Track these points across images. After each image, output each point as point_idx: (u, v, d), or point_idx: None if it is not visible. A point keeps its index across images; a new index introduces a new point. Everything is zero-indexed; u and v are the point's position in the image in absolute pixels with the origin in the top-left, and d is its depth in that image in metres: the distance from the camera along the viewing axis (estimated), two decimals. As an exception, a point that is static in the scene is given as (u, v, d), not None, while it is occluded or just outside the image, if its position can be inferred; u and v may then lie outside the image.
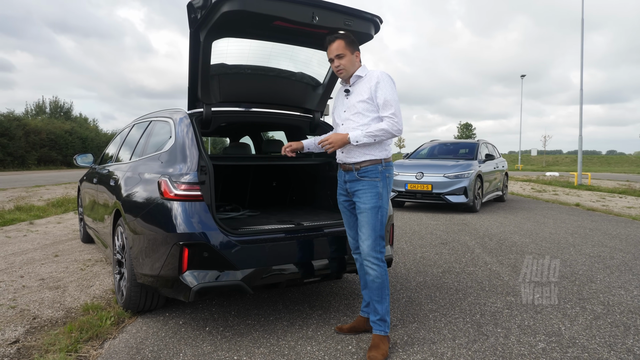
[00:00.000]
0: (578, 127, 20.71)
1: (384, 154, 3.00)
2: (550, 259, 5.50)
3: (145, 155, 3.80)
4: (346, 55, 2.98)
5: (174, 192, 2.98)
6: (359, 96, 2.98)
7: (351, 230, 3.19)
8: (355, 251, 3.22)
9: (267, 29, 3.25)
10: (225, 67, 3.55)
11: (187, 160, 3.10)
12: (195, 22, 3.02)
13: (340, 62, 2.99)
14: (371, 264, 2.93)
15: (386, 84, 2.92)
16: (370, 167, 2.96)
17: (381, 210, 2.94)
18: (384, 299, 2.95)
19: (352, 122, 2.99)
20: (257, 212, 4.27)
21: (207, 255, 2.92)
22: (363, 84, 2.99)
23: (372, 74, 2.99)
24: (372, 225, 2.92)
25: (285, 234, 3.24)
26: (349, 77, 3.06)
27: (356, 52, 3.03)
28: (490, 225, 8.26)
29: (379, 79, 2.93)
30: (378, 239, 2.94)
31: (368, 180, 2.96)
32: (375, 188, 2.95)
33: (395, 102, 2.90)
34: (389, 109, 2.88)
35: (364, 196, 2.95)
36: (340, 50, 2.97)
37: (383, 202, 2.96)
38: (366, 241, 2.93)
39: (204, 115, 3.53)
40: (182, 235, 2.90)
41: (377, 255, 2.93)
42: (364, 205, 2.94)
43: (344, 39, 2.99)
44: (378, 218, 2.93)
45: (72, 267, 5.03)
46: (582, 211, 10.72)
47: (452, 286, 4.38)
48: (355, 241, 3.18)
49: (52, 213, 10.00)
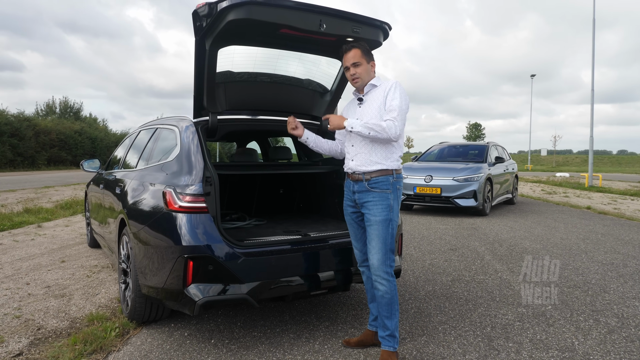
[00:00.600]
0: (589, 126, 20.43)
1: (395, 165, 2.94)
2: (561, 267, 5.40)
3: (151, 164, 3.76)
4: (362, 64, 2.96)
5: (179, 204, 2.93)
6: (372, 104, 2.94)
7: (358, 243, 3.12)
8: (361, 264, 3.15)
9: (273, 37, 3.20)
10: (232, 74, 3.50)
11: (192, 171, 3.05)
12: (201, 30, 2.97)
13: (357, 70, 2.96)
14: (381, 279, 2.87)
15: (397, 91, 2.88)
16: (381, 178, 2.90)
17: (392, 223, 2.88)
18: (394, 314, 2.88)
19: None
20: (263, 220, 4.22)
21: (212, 268, 2.87)
22: (378, 93, 2.95)
23: (387, 82, 2.97)
24: (383, 238, 2.85)
25: (291, 246, 3.18)
26: (363, 86, 3.02)
27: (372, 62, 3.02)
28: (500, 230, 8.15)
29: (391, 87, 2.91)
30: (388, 253, 2.87)
31: (379, 191, 2.89)
32: (386, 200, 2.88)
33: (401, 110, 2.84)
34: (392, 113, 2.83)
35: (374, 208, 2.88)
36: (356, 58, 2.95)
37: (394, 214, 2.89)
38: (376, 255, 2.87)
39: (210, 124, 3.48)
40: (186, 247, 2.85)
41: (387, 269, 2.87)
42: (374, 217, 2.88)
43: (360, 47, 2.97)
44: (389, 231, 2.86)
45: (78, 274, 5.01)
46: (594, 215, 10.57)
47: (462, 296, 4.30)
48: (362, 254, 3.12)
49: (60, 216, 10.03)
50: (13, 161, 34.38)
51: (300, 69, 3.70)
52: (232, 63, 3.41)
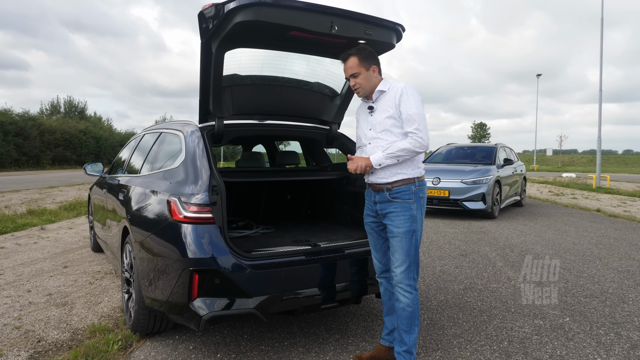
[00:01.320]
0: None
1: (417, 172, 2.79)
2: (576, 274, 5.24)
3: (155, 170, 3.63)
4: (361, 73, 2.81)
5: (184, 214, 2.80)
6: (384, 112, 2.78)
7: (377, 253, 2.99)
8: (380, 275, 3.02)
9: (282, 39, 3.07)
10: (238, 78, 3.37)
11: (198, 179, 2.92)
12: (207, 32, 2.84)
13: (356, 81, 2.83)
14: (403, 291, 2.75)
15: (409, 96, 2.72)
16: (403, 187, 2.76)
17: (415, 235, 2.75)
18: (413, 329, 2.76)
19: (380, 141, 2.79)
20: (271, 228, 4.08)
21: (218, 282, 2.74)
22: (387, 99, 2.80)
23: (396, 87, 2.80)
24: (406, 250, 2.73)
25: (301, 257, 3.05)
26: (368, 93, 2.88)
27: (372, 67, 2.83)
28: (510, 234, 8.00)
29: (402, 92, 2.74)
30: (412, 265, 2.75)
31: (401, 202, 2.75)
32: (408, 211, 2.74)
33: (419, 116, 2.69)
34: (412, 124, 2.68)
35: (397, 219, 2.75)
36: (354, 68, 2.80)
37: (417, 225, 2.76)
38: (399, 267, 2.75)
39: (216, 129, 3.35)
40: (192, 260, 2.72)
41: (411, 282, 2.75)
42: (397, 229, 2.75)
43: (357, 55, 2.81)
44: (412, 243, 2.73)
45: (80, 281, 4.90)
46: (604, 217, 10.39)
47: (476, 306, 4.15)
48: (381, 265, 2.99)
49: (64, 217, 9.94)
50: (18, 160, 34.45)
51: (309, 71, 3.57)
52: (239, 66, 3.28)
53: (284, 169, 4.50)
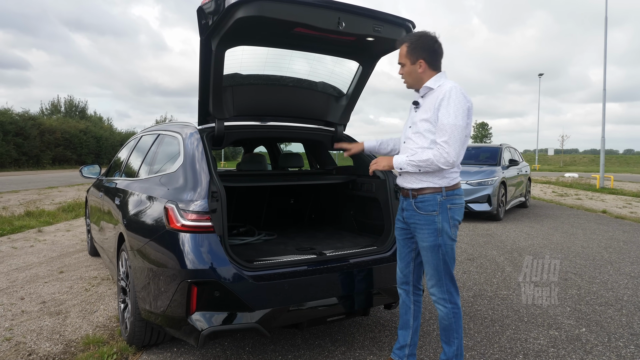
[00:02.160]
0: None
1: (444, 182, 2.55)
2: (588, 280, 5.07)
3: (152, 174, 3.46)
4: (405, 65, 2.60)
5: (182, 222, 2.63)
6: (423, 113, 2.56)
7: (401, 262, 2.83)
8: (401, 285, 2.87)
9: (286, 36, 2.90)
10: (240, 77, 3.21)
11: (197, 185, 2.75)
12: (207, 28, 2.67)
13: (402, 71, 2.64)
14: (438, 303, 2.64)
15: (450, 102, 2.43)
16: (428, 196, 2.56)
17: (442, 249, 2.55)
18: (452, 341, 2.64)
19: (412, 143, 2.61)
20: (273, 234, 3.91)
21: (218, 295, 2.57)
22: (432, 98, 2.55)
23: (442, 87, 2.51)
24: (434, 265, 2.57)
25: (306, 267, 2.88)
26: (415, 87, 2.66)
27: (419, 61, 2.55)
28: (517, 236, 7.82)
29: (444, 95, 2.46)
30: (443, 280, 2.58)
31: (424, 214, 2.56)
32: (432, 224, 2.55)
33: (453, 128, 2.42)
34: (443, 136, 2.44)
35: (421, 232, 2.58)
36: (400, 58, 2.62)
37: (444, 239, 2.54)
38: (430, 281, 2.63)
39: (216, 131, 3.18)
40: (190, 272, 2.55)
41: (444, 296, 2.60)
42: (422, 242, 2.59)
43: (407, 43, 2.59)
44: (440, 257, 2.55)
45: (76, 287, 4.73)
46: (611, 219, 10.22)
47: (487, 315, 3.99)
48: (402, 275, 2.84)
49: (62, 219, 9.78)
50: (18, 160, 34.29)
51: (315, 71, 3.40)
52: (240, 65, 3.11)
53: (287, 172, 4.33)
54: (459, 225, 2.63)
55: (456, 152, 2.44)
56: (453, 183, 2.59)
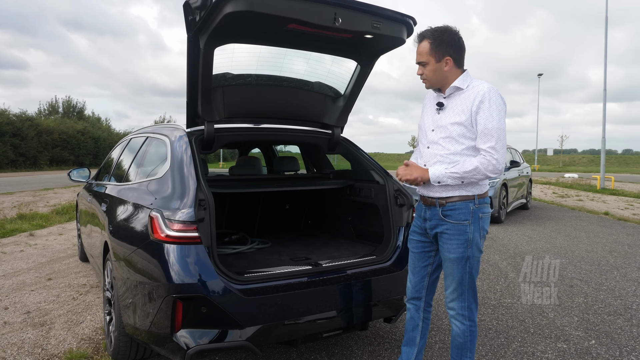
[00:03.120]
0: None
1: (477, 189, 2.38)
2: (595, 287, 4.90)
3: (138, 180, 3.28)
4: (429, 63, 2.37)
5: (166, 233, 2.45)
6: (454, 115, 2.35)
7: (414, 276, 2.64)
8: (410, 300, 2.68)
9: (279, 33, 2.72)
10: (230, 77, 3.03)
11: (183, 192, 2.57)
12: (194, 25, 2.50)
13: (423, 70, 2.40)
14: (455, 319, 2.46)
15: (493, 104, 2.27)
16: (459, 204, 2.36)
17: (470, 261, 2.37)
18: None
19: (440, 148, 2.39)
20: (267, 242, 3.73)
21: (205, 311, 2.39)
22: (462, 100, 2.36)
23: (476, 88, 2.34)
24: (459, 278, 2.39)
25: (300, 279, 2.70)
26: (440, 86, 2.45)
27: (446, 58, 2.35)
28: (519, 240, 7.65)
29: (484, 97, 2.28)
30: (465, 294, 2.41)
31: (454, 223, 2.37)
32: (463, 234, 2.36)
33: (499, 132, 2.26)
34: (489, 141, 2.26)
35: (449, 243, 2.38)
36: (423, 56, 2.38)
37: (473, 250, 2.37)
38: (452, 294, 2.44)
39: (206, 135, 3.01)
40: (175, 286, 2.37)
41: (464, 312, 2.42)
42: (448, 254, 2.39)
43: (430, 39, 2.35)
44: (466, 270, 2.38)
45: (63, 295, 4.55)
46: (614, 221, 10.05)
47: (491, 326, 3.81)
48: (414, 289, 2.65)
49: (55, 222, 9.60)
50: (15, 161, 34.06)
51: (310, 70, 3.23)
52: (231, 63, 2.94)
53: (282, 177, 4.15)
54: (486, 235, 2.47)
55: (504, 158, 2.29)
56: (485, 190, 2.42)
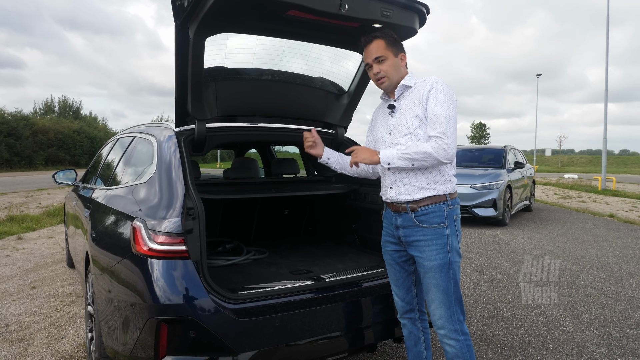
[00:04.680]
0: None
1: (448, 188, 2.23)
2: (612, 297, 4.63)
3: (123, 185, 2.98)
4: (388, 59, 2.24)
5: (149, 246, 2.15)
6: (408, 111, 2.22)
7: (399, 289, 2.42)
8: (403, 315, 2.45)
9: (278, 22, 2.43)
10: (224, 71, 2.75)
11: (170, 199, 2.27)
12: (182, 11, 2.21)
13: (381, 67, 2.24)
14: (448, 338, 2.19)
15: (439, 92, 2.17)
16: (432, 207, 2.19)
17: (453, 267, 2.18)
18: None
19: (402, 147, 2.22)
20: (264, 252, 3.44)
21: (193, 335, 2.10)
22: (413, 96, 2.24)
23: (424, 81, 2.24)
24: (444, 288, 2.16)
25: (301, 296, 2.41)
26: (393, 87, 2.29)
27: (401, 55, 2.29)
28: (526, 244, 7.38)
29: (432, 87, 2.19)
30: (453, 305, 2.18)
31: (430, 227, 2.18)
32: (441, 238, 2.18)
33: (448, 119, 2.14)
34: (438, 126, 2.13)
35: (428, 250, 2.18)
36: (380, 51, 2.23)
37: (453, 254, 2.19)
38: (438, 310, 2.19)
39: (196, 135, 2.72)
40: (158, 307, 2.08)
41: (455, 326, 2.18)
42: (428, 262, 2.18)
43: (384, 37, 2.25)
44: (450, 277, 2.17)
45: (46, 306, 4.26)
46: (620, 224, 9.80)
47: (506, 341, 3.53)
48: (404, 303, 2.43)
49: (46, 224, 9.32)
50: (10, 161, 33.73)
51: (312, 64, 2.94)
52: (224, 56, 2.65)
53: (280, 180, 3.86)
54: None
55: (454, 143, 2.15)
56: (454, 190, 2.28)
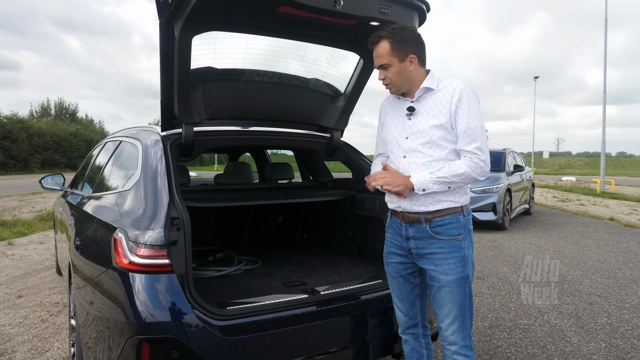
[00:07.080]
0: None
1: (465, 199, 2.10)
2: (617, 305, 4.49)
3: (106, 192, 2.83)
4: (392, 66, 2.04)
5: (130, 259, 2.00)
6: (431, 118, 2.04)
7: (403, 304, 2.26)
8: (405, 331, 2.30)
9: (269, 19, 2.29)
10: (213, 72, 2.60)
11: (154, 209, 2.12)
12: (166, 8, 2.07)
13: (386, 74, 2.07)
14: (459, 354, 2.06)
15: (472, 103, 2.01)
16: (449, 218, 2.05)
17: (469, 281, 2.05)
18: None
19: (421, 156, 2.06)
20: (257, 261, 3.29)
21: (177, 356, 1.95)
22: (437, 100, 2.05)
23: (450, 86, 2.05)
24: (460, 303, 2.03)
25: (294, 311, 2.26)
26: (402, 91, 2.13)
27: (410, 57, 2.04)
28: (527, 249, 7.24)
29: (462, 95, 2.01)
30: (467, 321, 2.06)
31: (448, 239, 2.04)
32: (459, 250, 2.04)
33: (482, 132, 2.01)
34: (473, 142, 1.98)
35: (445, 264, 2.03)
36: (384, 58, 2.04)
37: (469, 268, 2.06)
38: (451, 326, 2.05)
39: (184, 139, 2.57)
40: (139, 325, 1.93)
41: (467, 342, 2.07)
42: (445, 276, 2.03)
43: (390, 39, 2.03)
44: (466, 292, 2.04)
45: (32, 317, 4.09)
46: (621, 228, 9.68)
47: (510, 353, 3.39)
48: (407, 318, 2.27)
49: (38, 229, 9.14)
50: (5, 164, 33.56)
51: (306, 64, 2.80)
52: (213, 56, 2.51)
53: (275, 186, 3.72)
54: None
55: (489, 159, 2.02)
56: (469, 200, 2.14)
